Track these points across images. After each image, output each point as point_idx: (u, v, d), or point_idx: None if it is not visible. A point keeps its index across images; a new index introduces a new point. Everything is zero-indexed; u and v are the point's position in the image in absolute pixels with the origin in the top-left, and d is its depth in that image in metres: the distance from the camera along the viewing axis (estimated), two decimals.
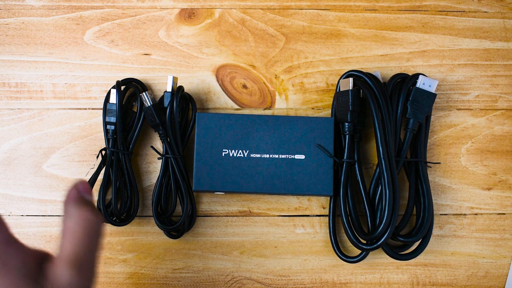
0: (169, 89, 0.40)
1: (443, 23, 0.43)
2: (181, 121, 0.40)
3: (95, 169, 0.41)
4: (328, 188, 0.39)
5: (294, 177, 0.38)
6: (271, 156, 0.39)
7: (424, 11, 0.43)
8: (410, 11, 0.43)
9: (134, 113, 0.41)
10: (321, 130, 0.39)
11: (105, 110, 0.40)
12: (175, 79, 0.40)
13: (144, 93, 0.39)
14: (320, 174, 0.38)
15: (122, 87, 0.40)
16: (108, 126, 0.40)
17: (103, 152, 0.41)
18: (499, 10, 0.43)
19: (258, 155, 0.39)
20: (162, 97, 0.40)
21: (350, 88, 0.38)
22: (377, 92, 0.38)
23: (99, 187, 0.40)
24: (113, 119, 0.40)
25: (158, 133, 0.40)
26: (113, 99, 0.40)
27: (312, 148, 0.39)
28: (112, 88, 0.40)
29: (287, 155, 0.39)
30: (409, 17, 0.43)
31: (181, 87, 0.40)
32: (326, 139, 0.39)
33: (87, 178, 0.41)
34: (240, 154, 0.39)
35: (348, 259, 0.40)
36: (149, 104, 0.39)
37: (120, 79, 0.40)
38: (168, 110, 0.39)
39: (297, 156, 0.39)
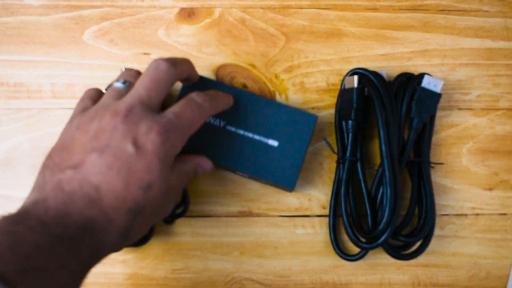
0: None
1: (444, 22, 0.40)
2: None
3: None
4: (291, 181, 0.35)
5: (262, 160, 0.35)
6: (245, 133, 0.36)
7: (425, 10, 0.40)
8: (411, 10, 0.40)
9: None
10: (302, 125, 0.36)
11: None
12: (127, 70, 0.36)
13: (104, 89, 0.37)
14: (287, 165, 0.35)
15: None
16: None
17: None
18: (500, 9, 0.40)
19: (233, 129, 0.36)
20: None
21: (355, 86, 0.36)
22: (382, 90, 0.35)
23: None
24: None
25: None
26: None
27: (287, 138, 0.35)
28: None
29: (262, 137, 0.35)
30: (410, 16, 0.40)
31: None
32: (304, 134, 0.36)
33: None
34: (215, 123, 0.36)
35: (347, 257, 0.37)
36: None
37: None
38: None
39: (270, 142, 0.35)
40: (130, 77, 0.32)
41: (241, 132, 0.36)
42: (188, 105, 0.30)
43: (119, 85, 0.31)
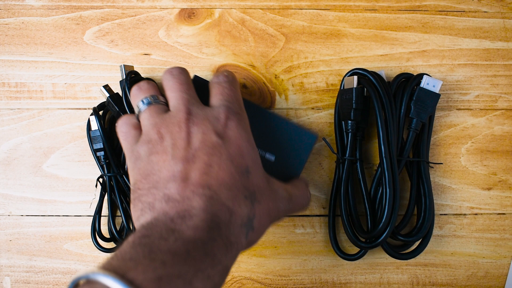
0: (123, 77, 0.36)
1: (443, 23, 0.40)
2: None
3: (97, 199, 0.38)
4: None
5: None
6: None
7: (424, 11, 0.40)
8: (410, 11, 0.40)
9: None
10: (302, 143, 0.34)
11: (90, 139, 0.37)
12: (126, 67, 0.36)
13: (101, 87, 0.37)
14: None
15: (100, 112, 0.38)
16: (98, 153, 0.37)
17: (101, 179, 0.38)
18: (499, 10, 0.40)
19: None
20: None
21: (355, 86, 0.35)
22: (381, 90, 0.35)
23: (106, 215, 0.38)
24: (100, 145, 0.37)
25: None
26: (94, 126, 0.37)
27: (285, 154, 0.34)
28: (90, 115, 0.37)
29: (260, 150, 0.34)
30: (409, 17, 0.40)
31: (131, 72, 0.36)
32: (302, 152, 0.34)
33: (92, 208, 0.39)
34: None
35: (346, 257, 0.37)
36: (107, 96, 0.36)
37: (96, 105, 0.37)
38: (123, 96, 0.35)
39: (268, 155, 0.34)
40: (150, 91, 0.31)
41: None
42: (222, 88, 0.31)
43: (152, 101, 0.30)
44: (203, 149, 0.27)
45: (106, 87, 0.37)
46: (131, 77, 0.35)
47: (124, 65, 0.36)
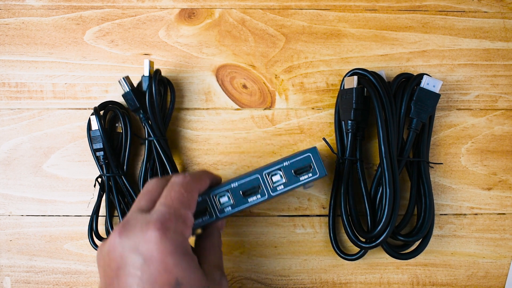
0: (146, 73, 0.37)
1: (443, 23, 0.40)
2: (160, 104, 0.38)
3: (95, 198, 0.38)
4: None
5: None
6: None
7: (424, 11, 0.40)
8: (410, 11, 0.40)
9: (120, 134, 0.38)
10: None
11: (90, 138, 0.37)
12: (151, 63, 0.37)
13: (121, 78, 0.36)
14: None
15: (101, 112, 0.37)
16: (97, 153, 0.37)
17: (99, 179, 0.38)
18: (499, 10, 0.40)
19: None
20: (140, 82, 0.37)
21: (355, 86, 0.35)
22: (381, 90, 0.35)
23: (104, 214, 0.38)
24: (100, 145, 0.36)
25: (139, 117, 0.37)
26: (94, 125, 0.36)
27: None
28: (91, 115, 0.37)
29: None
30: (409, 17, 0.40)
31: (158, 70, 0.37)
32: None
33: (90, 208, 0.39)
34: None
35: (346, 257, 0.37)
36: (128, 89, 0.36)
37: (97, 105, 0.37)
38: (147, 93, 0.36)
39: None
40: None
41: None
42: (171, 189, 0.29)
43: None
44: (125, 269, 0.25)
45: (127, 79, 0.37)
46: (159, 75, 0.36)
47: (149, 60, 0.37)
